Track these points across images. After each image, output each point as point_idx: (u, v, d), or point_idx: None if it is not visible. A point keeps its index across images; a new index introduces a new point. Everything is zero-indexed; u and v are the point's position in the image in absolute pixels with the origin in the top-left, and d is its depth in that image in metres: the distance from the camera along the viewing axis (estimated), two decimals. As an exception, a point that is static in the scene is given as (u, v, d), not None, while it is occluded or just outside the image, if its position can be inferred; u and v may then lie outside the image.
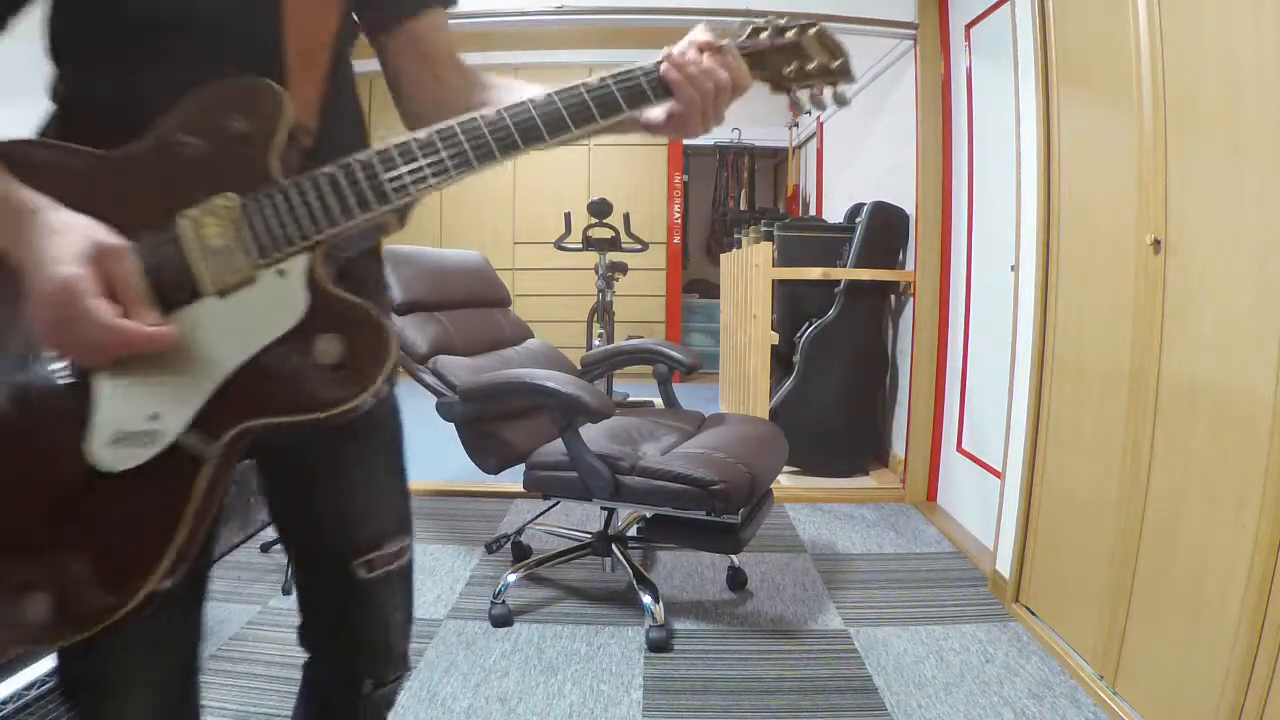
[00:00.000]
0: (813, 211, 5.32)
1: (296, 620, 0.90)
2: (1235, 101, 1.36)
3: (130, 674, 0.74)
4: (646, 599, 2.02)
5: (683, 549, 2.50)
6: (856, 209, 3.46)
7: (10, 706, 1.33)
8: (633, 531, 2.41)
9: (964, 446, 2.86)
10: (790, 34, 0.70)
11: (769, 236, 3.57)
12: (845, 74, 0.72)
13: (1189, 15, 1.48)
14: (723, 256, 4.66)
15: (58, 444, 0.59)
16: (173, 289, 0.60)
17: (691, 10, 3.06)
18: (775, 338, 3.35)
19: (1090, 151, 1.86)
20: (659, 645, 1.93)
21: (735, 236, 4.34)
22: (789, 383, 3.33)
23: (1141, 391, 1.60)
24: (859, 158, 4.19)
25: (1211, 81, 1.42)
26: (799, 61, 0.71)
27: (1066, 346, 1.95)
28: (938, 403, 3.06)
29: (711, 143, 6.33)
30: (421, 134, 0.65)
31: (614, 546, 2.24)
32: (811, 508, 3.03)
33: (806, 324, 3.32)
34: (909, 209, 3.19)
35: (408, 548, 0.87)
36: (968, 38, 2.80)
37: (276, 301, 0.61)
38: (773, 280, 3.22)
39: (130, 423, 0.58)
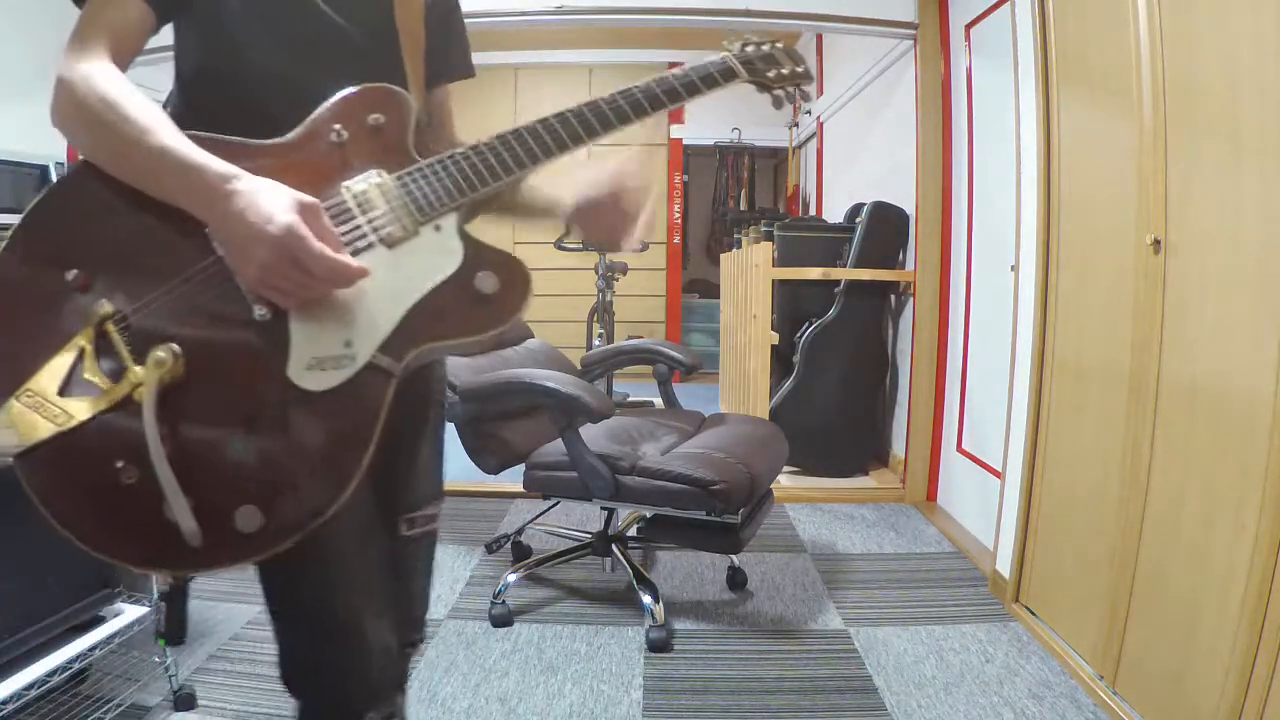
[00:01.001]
0: (813, 211, 5.32)
1: None
2: (1235, 101, 1.36)
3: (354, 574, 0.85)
4: (646, 599, 2.02)
5: (683, 549, 2.50)
6: (856, 209, 3.46)
7: (10, 706, 1.33)
8: (633, 531, 2.41)
9: (964, 446, 2.86)
10: (765, 47, 0.90)
11: (769, 236, 3.57)
12: (807, 77, 0.94)
13: (1189, 15, 1.48)
14: (723, 256, 4.66)
15: (263, 373, 0.69)
16: (349, 243, 0.73)
17: (692, 10, 3.06)
18: (775, 338, 3.35)
19: (1090, 151, 1.86)
20: (659, 645, 1.93)
21: (735, 236, 4.34)
22: (789, 383, 3.33)
23: (1141, 391, 1.60)
24: (859, 158, 4.19)
25: (1211, 81, 1.42)
26: (776, 68, 0.90)
27: (1066, 346, 1.95)
28: (938, 403, 3.06)
29: (711, 143, 6.33)
30: (531, 121, 0.80)
31: (614, 546, 2.24)
32: (811, 508, 3.03)
33: (806, 324, 3.32)
34: (909, 209, 3.19)
35: (438, 515, 0.99)
36: (968, 38, 2.80)
37: (438, 250, 0.75)
38: (773, 280, 3.22)
39: (326, 349, 0.70)
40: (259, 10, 0.82)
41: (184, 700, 1.63)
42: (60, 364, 0.68)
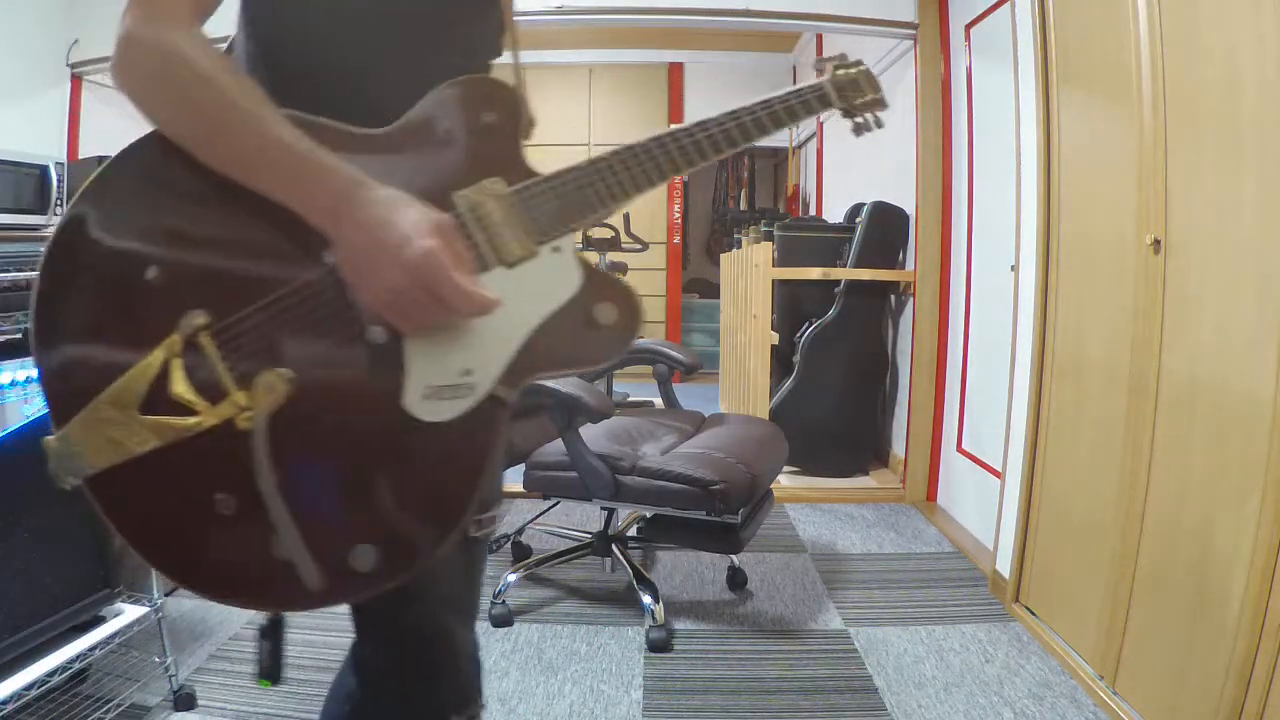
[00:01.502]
0: (813, 211, 5.32)
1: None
2: (1235, 101, 1.36)
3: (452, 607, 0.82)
4: (646, 599, 2.02)
5: (683, 549, 2.50)
6: (856, 209, 3.46)
7: (10, 707, 1.33)
8: (633, 531, 2.40)
9: (964, 446, 2.86)
10: (852, 71, 0.83)
11: (769, 236, 3.57)
12: (883, 104, 0.87)
13: (1189, 15, 1.48)
14: (723, 256, 4.66)
15: (376, 401, 0.64)
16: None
17: (692, 10, 3.06)
18: (775, 338, 3.35)
19: (1090, 151, 1.86)
20: (659, 645, 1.93)
21: (735, 236, 4.34)
22: (789, 383, 3.33)
23: (1141, 391, 1.60)
24: (859, 158, 4.18)
25: (1211, 81, 1.42)
26: (860, 95, 0.84)
27: (1066, 346, 1.95)
28: (938, 403, 3.06)
29: (711, 142, 6.32)
30: (657, 133, 0.73)
31: (614, 546, 2.24)
32: (811, 508, 3.03)
33: (806, 324, 3.32)
34: (909, 209, 3.19)
35: (497, 516, 0.94)
36: (968, 38, 2.80)
37: (557, 274, 0.69)
38: (773, 280, 3.22)
39: (442, 378, 0.64)
40: None
41: (184, 700, 1.63)
42: (140, 376, 0.61)
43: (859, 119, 0.86)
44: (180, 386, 0.61)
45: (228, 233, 0.64)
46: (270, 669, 0.76)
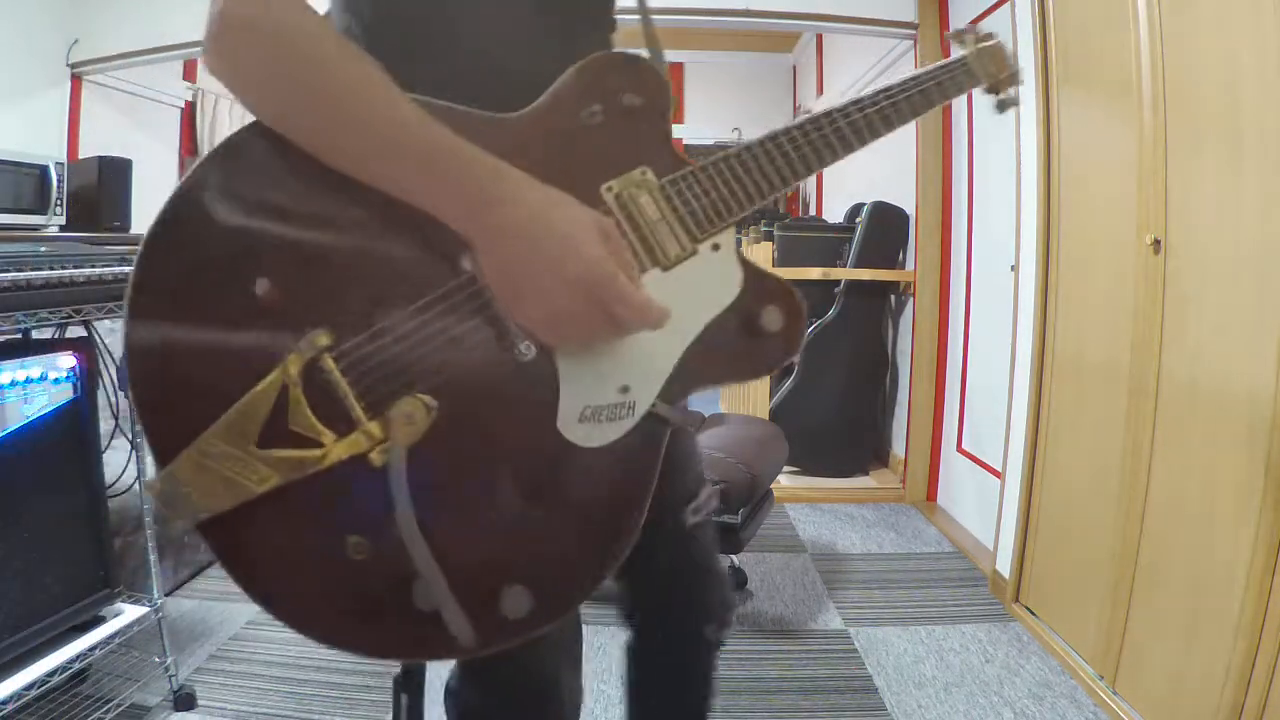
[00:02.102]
0: (813, 211, 5.32)
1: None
2: (1235, 101, 1.36)
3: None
4: (646, 599, 2.02)
5: (683, 549, 2.50)
6: (856, 209, 3.46)
7: (10, 706, 1.32)
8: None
9: (964, 446, 2.86)
10: (990, 43, 0.75)
11: (769, 236, 3.57)
12: (1019, 78, 0.79)
13: (1189, 15, 1.48)
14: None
15: (527, 425, 0.57)
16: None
17: (692, 10, 3.06)
18: (775, 338, 3.34)
19: (1090, 152, 1.86)
20: (659, 645, 1.92)
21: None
22: (789, 383, 3.33)
23: (1141, 391, 1.60)
24: (859, 158, 4.16)
25: (1211, 81, 1.42)
26: (998, 67, 0.76)
27: (1066, 346, 1.95)
28: (938, 403, 3.06)
29: (712, 141, 6.33)
30: (804, 118, 0.66)
31: (614, 546, 2.23)
32: (811, 508, 3.03)
33: (806, 324, 3.32)
34: (909, 209, 3.19)
35: (715, 493, 0.93)
36: (968, 38, 2.79)
37: (718, 274, 0.62)
38: (773, 280, 3.21)
39: (600, 397, 0.57)
40: None
41: (184, 700, 1.63)
42: (256, 406, 0.52)
43: (1001, 95, 0.78)
44: (303, 417, 0.53)
45: (350, 240, 0.55)
46: None
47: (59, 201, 2.68)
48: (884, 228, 3.24)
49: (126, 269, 1.61)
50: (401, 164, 0.53)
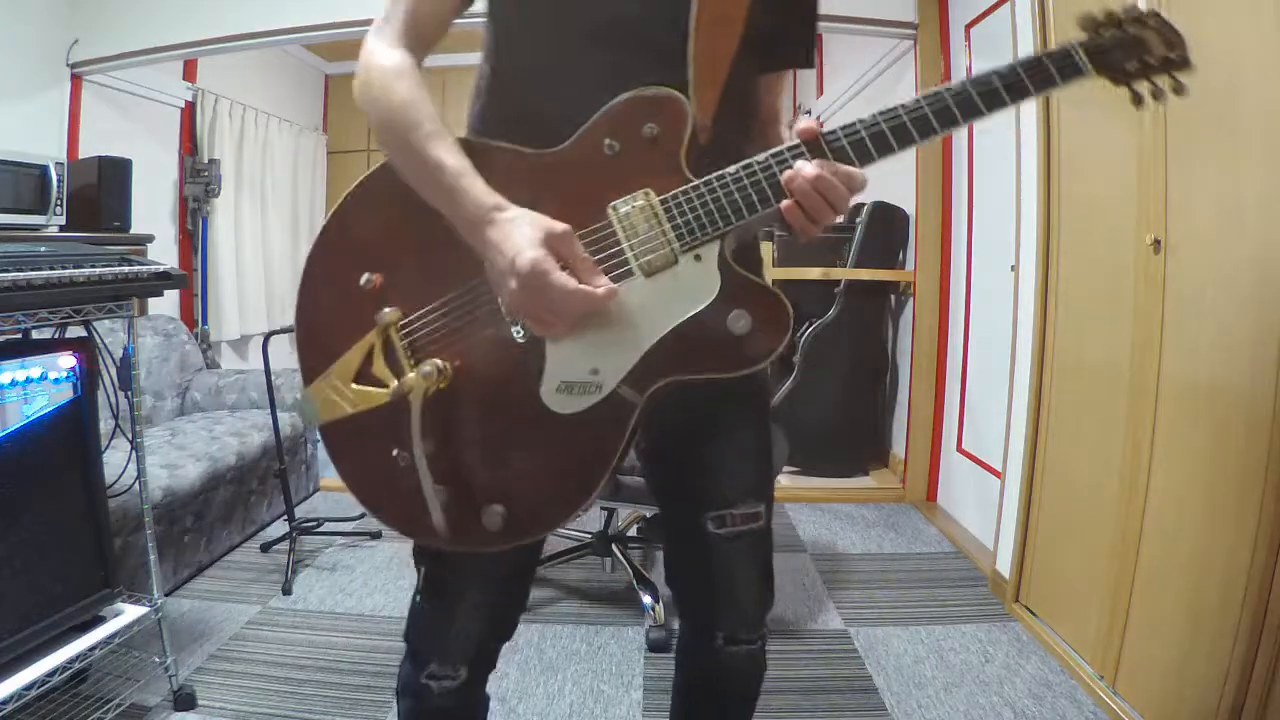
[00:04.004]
0: (813, 211, 5.31)
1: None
2: (1235, 101, 1.36)
3: (474, 575, 0.89)
4: (646, 599, 2.02)
5: (683, 549, 2.50)
6: (857, 209, 3.45)
7: (10, 706, 1.32)
8: (633, 531, 2.40)
9: (964, 446, 2.86)
10: (1131, 28, 0.71)
11: (769, 236, 3.57)
12: (1185, 63, 0.73)
13: (1189, 15, 1.48)
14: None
15: (518, 390, 0.75)
16: (608, 269, 0.73)
17: (691, 10, 3.05)
18: (775, 338, 3.34)
19: (1090, 151, 1.86)
20: (659, 645, 1.93)
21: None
22: (789, 383, 3.33)
23: (1141, 391, 1.60)
24: (859, 158, 4.18)
25: (1211, 81, 1.42)
26: (1140, 54, 0.72)
27: (1066, 346, 1.95)
28: (938, 403, 3.06)
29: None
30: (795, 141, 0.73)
31: (614, 546, 2.24)
32: (811, 508, 3.03)
33: (806, 324, 3.32)
34: (909, 209, 3.19)
35: (761, 513, 0.92)
36: (968, 38, 2.79)
37: (695, 282, 0.73)
38: (773, 280, 3.21)
39: (573, 374, 0.74)
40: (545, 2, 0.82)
41: (184, 700, 1.63)
42: (355, 356, 0.79)
43: (1139, 87, 0.73)
44: (378, 366, 0.78)
45: (422, 244, 0.78)
46: (421, 584, 0.91)
47: (59, 201, 2.68)
48: (884, 227, 3.24)
49: (126, 269, 1.62)
50: (432, 190, 0.74)
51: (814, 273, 3.23)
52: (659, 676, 1.81)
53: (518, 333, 0.75)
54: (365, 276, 0.79)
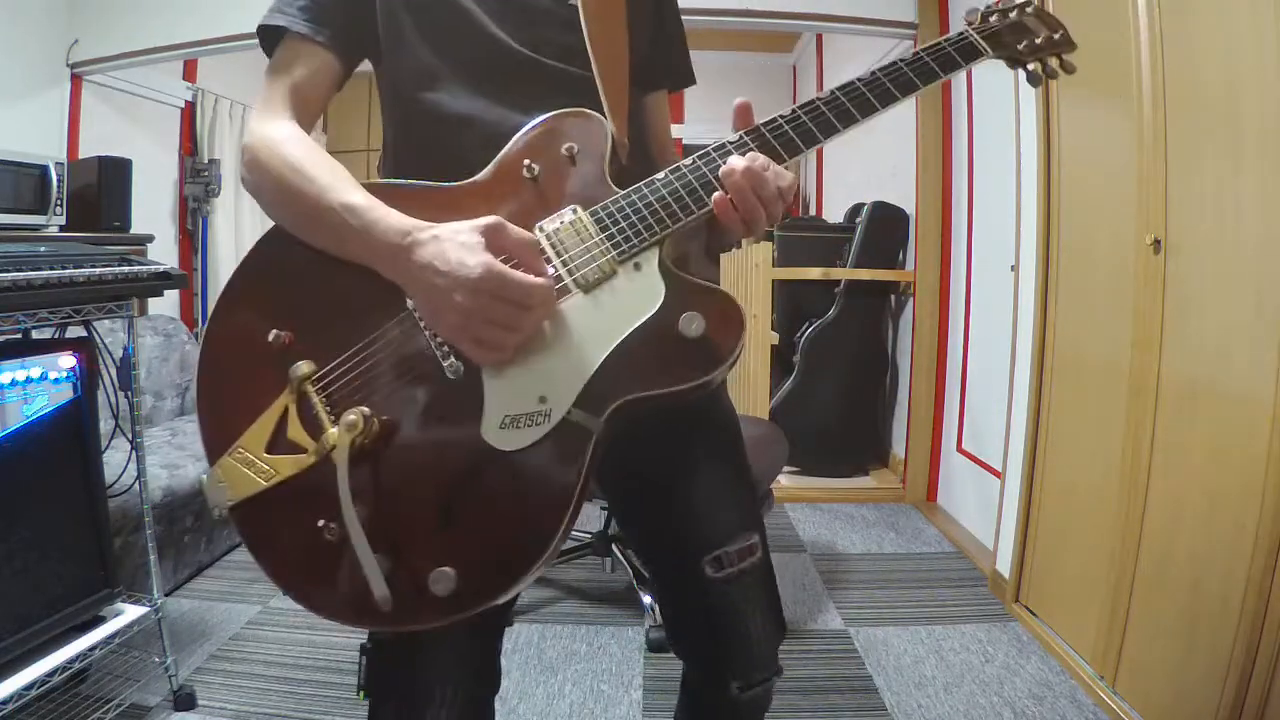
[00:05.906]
0: (813, 211, 5.32)
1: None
2: (1235, 101, 1.36)
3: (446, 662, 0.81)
4: (646, 599, 2.02)
5: (683, 549, 2.50)
6: (856, 209, 3.46)
7: (10, 706, 1.33)
8: (633, 531, 2.40)
9: (964, 446, 2.86)
10: (1013, 14, 0.80)
11: (769, 236, 3.57)
12: (1068, 43, 0.81)
13: (1189, 15, 1.48)
14: (722, 256, 4.66)
15: (456, 432, 0.67)
16: None
17: (692, 10, 3.05)
18: (775, 338, 3.35)
19: (1090, 151, 1.86)
20: (659, 645, 1.93)
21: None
22: (789, 383, 3.33)
23: (1141, 392, 1.60)
24: (859, 158, 4.18)
25: (1211, 81, 1.42)
26: (1028, 37, 0.80)
27: (1066, 346, 1.95)
28: (938, 403, 3.06)
29: (711, 142, 6.32)
30: (733, 136, 0.74)
31: (614, 546, 2.24)
32: (811, 508, 3.03)
33: (806, 324, 3.32)
34: (909, 209, 3.19)
35: (757, 545, 0.88)
36: (968, 38, 2.79)
37: (637, 290, 0.69)
38: (772, 280, 3.22)
39: (519, 406, 0.66)
40: (436, 47, 0.80)
41: (184, 700, 1.63)
42: (267, 422, 0.70)
43: (1031, 66, 0.81)
44: (294, 429, 0.69)
45: (329, 295, 0.72)
46: (369, 684, 0.80)
47: (59, 201, 2.68)
48: (884, 227, 3.24)
49: (126, 269, 1.62)
50: (348, 243, 0.70)
51: (814, 273, 3.23)
52: (659, 676, 1.81)
53: (449, 368, 0.67)
54: (274, 333, 0.71)
